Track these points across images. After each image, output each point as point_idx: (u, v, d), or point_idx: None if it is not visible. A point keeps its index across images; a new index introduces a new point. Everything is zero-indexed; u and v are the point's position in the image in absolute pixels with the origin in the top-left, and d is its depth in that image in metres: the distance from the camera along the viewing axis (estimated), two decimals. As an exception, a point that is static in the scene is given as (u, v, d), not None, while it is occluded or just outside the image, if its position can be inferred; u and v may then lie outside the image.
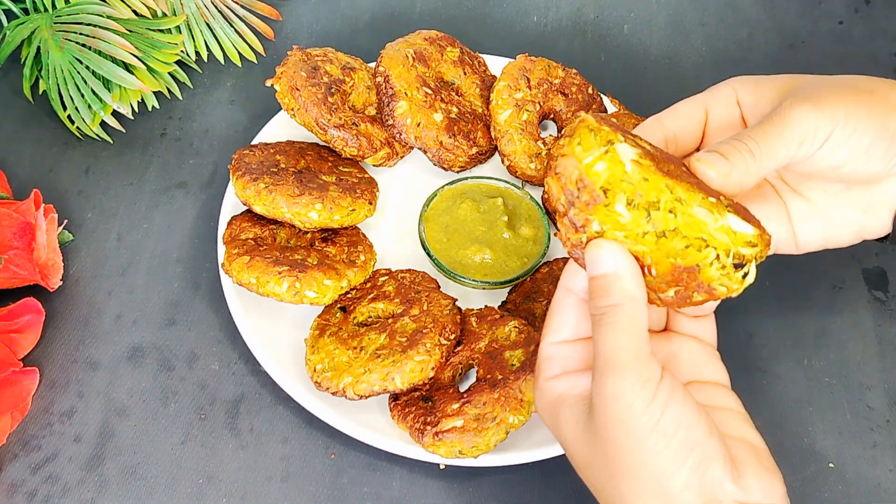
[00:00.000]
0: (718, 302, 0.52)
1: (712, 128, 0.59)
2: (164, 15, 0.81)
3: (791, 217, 0.60)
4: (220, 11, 0.86)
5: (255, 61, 0.87)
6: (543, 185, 0.76)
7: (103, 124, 0.79)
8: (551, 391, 0.52)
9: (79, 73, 0.76)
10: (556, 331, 0.53)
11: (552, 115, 0.81)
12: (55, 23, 0.77)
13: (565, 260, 0.73)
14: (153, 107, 0.83)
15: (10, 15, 0.83)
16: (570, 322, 0.53)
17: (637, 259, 0.49)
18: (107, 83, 0.78)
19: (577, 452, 0.51)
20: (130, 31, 0.78)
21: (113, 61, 0.77)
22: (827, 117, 0.54)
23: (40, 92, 0.81)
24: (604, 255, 0.48)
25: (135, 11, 0.79)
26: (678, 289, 0.49)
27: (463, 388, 0.65)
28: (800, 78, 0.58)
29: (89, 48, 0.76)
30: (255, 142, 0.78)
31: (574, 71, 0.83)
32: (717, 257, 0.48)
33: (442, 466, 0.65)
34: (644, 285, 0.49)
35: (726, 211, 0.48)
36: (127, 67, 0.78)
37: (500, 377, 0.63)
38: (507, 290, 0.74)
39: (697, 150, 0.60)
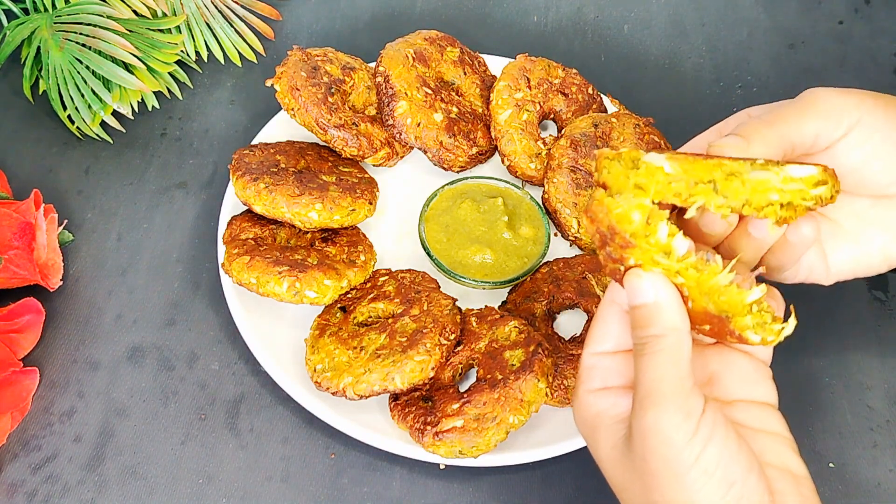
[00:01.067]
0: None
1: None
2: (164, 15, 0.81)
3: (822, 241, 0.59)
4: (220, 11, 0.86)
5: (255, 61, 0.87)
6: (543, 185, 0.76)
7: (103, 124, 0.79)
8: (591, 405, 0.51)
9: (79, 73, 0.76)
10: (598, 341, 0.52)
11: (552, 115, 0.81)
12: (55, 23, 0.77)
13: (565, 260, 0.73)
14: (153, 107, 0.83)
15: (10, 15, 0.83)
16: (614, 334, 0.52)
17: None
18: (107, 83, 0.78)
19: (613, 473, 0.50)
20: (130, 31, 0.78)
21: (113, 61, 0.77)
22: (853, 103, 0.53)
23: (40, 92, 0.81)
24: (644, 286, 0.47)
25: (135, 11, 0.79)
26: (712, 327, 0.48)
27: (463, 388, 0.65)
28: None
29: (89, 48, 0.76)
30: (255, 142, 0.78)
31: (574, 71, 0.83)
32: (751, 308, 0.47)
33: (442, 466, 0.65)
34: (687, 314, 0.48)
35: (781, 165, 0.47)
36: (127, 67, 0.78)
37: (500, 377, 0.63)
38: (507, 290, 0.74)
39: None
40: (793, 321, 0.49)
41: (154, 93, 0.82)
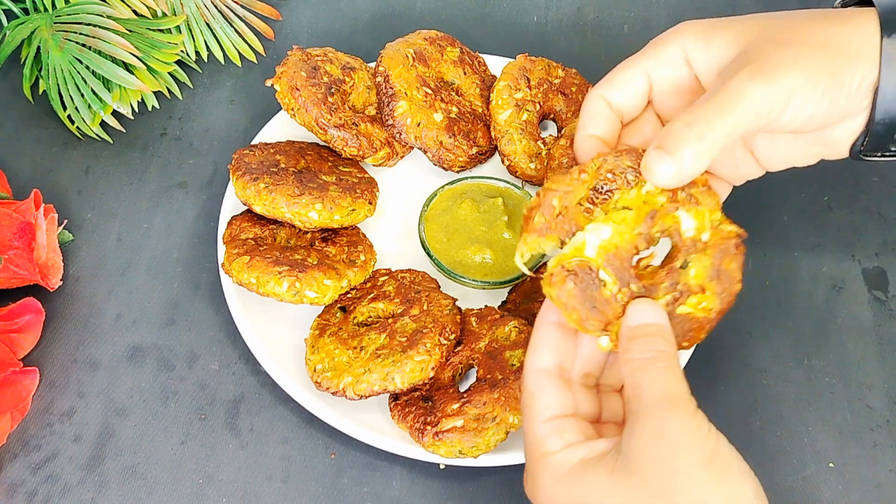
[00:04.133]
0: None
1: (659, 94, 0.59)
2: (164, 15, 0.81)
3: (755, 152, 0.61)
4: (220, 11, 0.86)
5: (255, 61, 0.87)
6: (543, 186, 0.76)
7: (103, 124, 0.79)
8: (566, 462, 0.52)
9: (79, 73, 0.76)
10: (544, 410, 0.54)
11: (552, 115, 0.81)
12: (55, 23, 0.77)
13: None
14: (153, 107, 0.83)
15: (10, 15, 0.83)
16: (555, 400, 0.54)
17: None
18: (107, 83, 0.78)
19: (614, 499, 0.50)
20: (130, 31, 0.78)
21: (113, 61, 0.77)
22: (784, 91, 0.53)
23: (40, 92, 0.81)
24: (652, 308, 0.53)
25: (135, 11, 0.79)
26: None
27: (463, 388, 0.65)
28: (754, 26, 0.56)
29: (89, 48, 0.76)
30: (255, 142, 0.78)
31: (574, 71, 0.83)
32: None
33: (442, 466, 0.65)
34: None
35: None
36: (127, 67, 0.78)
37: (500, 377, 0.63)
38: (507, 290, 0.73)
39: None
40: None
41: (154, 93, 0.82)
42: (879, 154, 0.58)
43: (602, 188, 0.56)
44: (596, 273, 0.53)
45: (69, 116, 0.79)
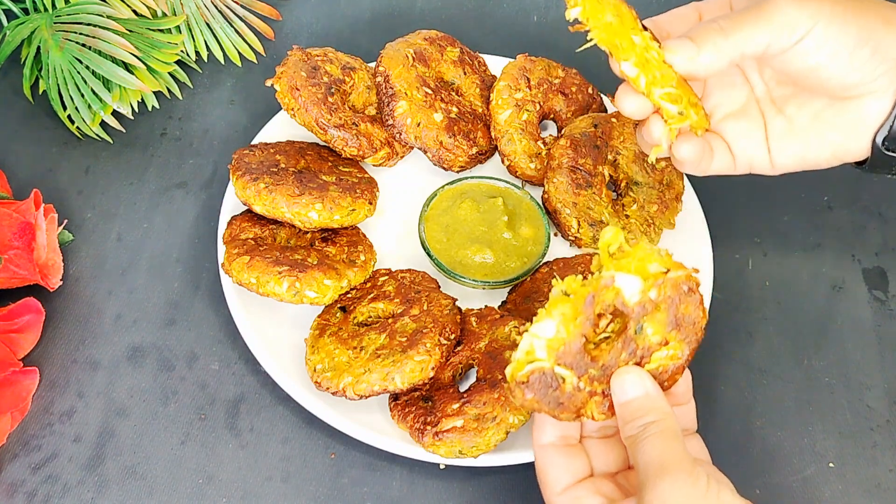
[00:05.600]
0: (690, 385, 0.57)
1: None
2: (164, 15, 0.81)
3: (769, 136, 0.61)
4: (220, 11, 0.86)
5: (255, 61, 0.87)
6: (543, 185, 0.76)
7: (103, 124, 0.79)
8: None
9: (79, 73, 0.76)
10: (556, 483, 0.56)
11: (552, 115, 0.81)
12: (55, 23, 0.77)
13: (565, 260, 0.73)
14: (153, 107, 0.83)
15: (10, 15, 0.83)
16: (565, 470, 0.56)
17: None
18: (107, 83, 0.78)
19: None
20: (130, 31, 0.78)
21: (113, 61, 0.77)
22: (809, 13, 0.55)
23: (40, 92, 0.81)
24: (633, 381, 0.54)
25: (135, 11, 0.79)
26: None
27: (463, 388, 0.65)
28: None
29: (89, 48, 0.76)
30: (255, 142, 0.78)
31: (574, 71, 0.83)
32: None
33: (442, 466, 0.65)
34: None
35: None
36: (127, 67, 0.78)
37: (500, 377, 0.63)
38: (507, 290, 0.73)
39: None
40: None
41: (154, 93, 0.82)
42: None
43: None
44: (551, 372, 0.53)
45: (69, 116, 0.79)
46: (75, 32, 0.76)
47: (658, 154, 0.61)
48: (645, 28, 0.58)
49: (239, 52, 0.87)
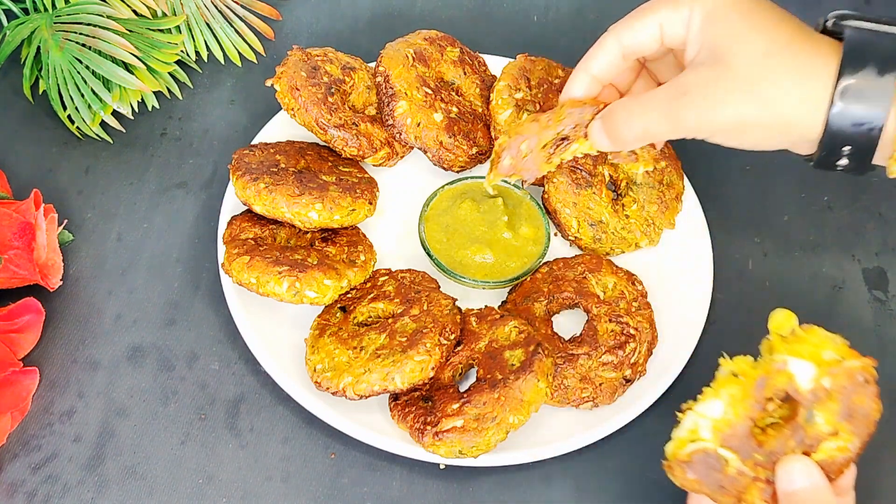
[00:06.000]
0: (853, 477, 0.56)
1: (670, 42, 0.62)
2: (164, 15, 0.81)
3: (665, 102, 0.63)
4: (220, 11, 0.86)
5: (255, 61, 0.87)
6: (543, 185, 0.76)
7: (103, 124, 0.79)
8: None
9: (79, 73, 0.76)
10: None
11: (552, 115, 0.81)
12: (55, 23, 0.77)
13: (565, 260, 0.73)
14: (153, 107, 0.83)
15: (10, 15, 0.83)
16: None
17: None
18: (107, 83, 0.78)
19: None
20: (130, 31, 0.78)
21: (113, 61, 0.77)
22: (726, 124, 0.58)
23: (40, 92, 0.81)
24: (800, 470, 0.52)
25: (135, 11, 0.79)
26: None
27: (463, 388, 0.65)
28: (747, 26, 0.58)
29: (89, 48, 0.76)
30: (255, 142, 0.78)
31: (574, 71, 0.83)
32: None
33: (442, 466, 0.65)
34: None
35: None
36: (127, 67, 0.78)
37: (500, 377, 0.63)
38: (507, 290, 0.74)
39: None
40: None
41: (154, 93, 0.82)
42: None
43: (564, 137, 0.62)
44: (715, 453, 0.52)
45: (69, 116, 0.79)
46: (75, 32, 0.76)
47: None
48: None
49: (239, 52, 0.87)
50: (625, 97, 0.63)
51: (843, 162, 0.58)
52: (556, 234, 0.77)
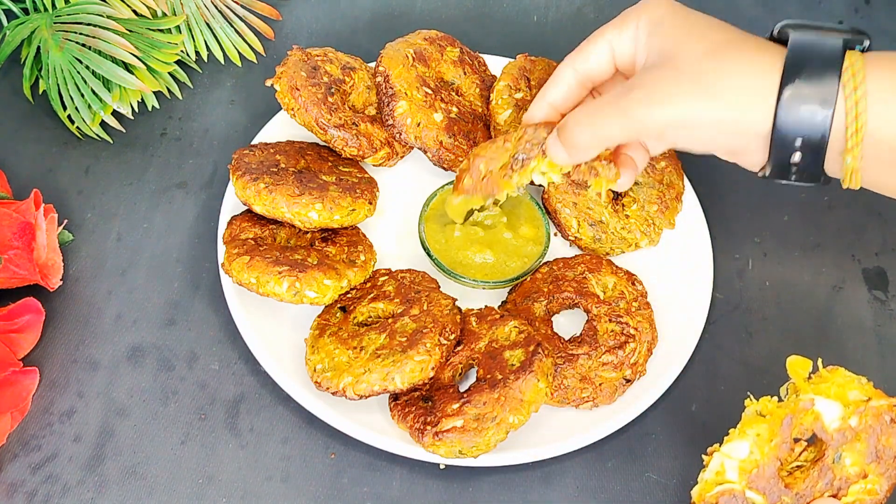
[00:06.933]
0: None
1: (621, 62, 0.65)
2: (164, 15, 0.81)
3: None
4: (220, 11, 0.86)
5: (255, 61, 0.87)
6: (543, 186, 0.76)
7: (103, 124, 0.79)
8: None
9: (79, 73, 0.76)
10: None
11: (552, 115, 0.81)
12: (55, 23, 0.77)
13: (565, 260, 0.73)
14: (153, 107, 0.83)
15: (10, 15, 0.83)
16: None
17: None
18: (107, 83, 0.78)
19: None
20: (130, 31, 0.78)
21: (113, 61, 0.77)
22: (672, 121, 0.59)
23: (40, 92, 0.81)
24: None
25: (135, 11, 0.79)
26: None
27: (463, 388, 0.65)
28: (693, 37, 0.60)
29: (89, 48, 0.76)
30: (255, 142, 0.78)
31: (574, 71, 0.83)
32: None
33: (442, 466, 0.65)
34: None
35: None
36: (127, 67, 0.78)
37: (500, 377, 0.63)
38: (507, 290, 0.74)
39: None
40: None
41: (154, 93, 0.82)
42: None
43: (521, 157, 0.63)
44: (742, 495, 0.52)
45: (69, 116, 0.79)
46: (75, 32, 0.76)
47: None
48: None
49: (239, 52, 0.87)
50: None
51: (797, 158, 0.58)
52: (556, 234, 0.77)
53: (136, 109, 0.80)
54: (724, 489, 0.52)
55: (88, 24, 0.76)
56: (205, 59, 0.86)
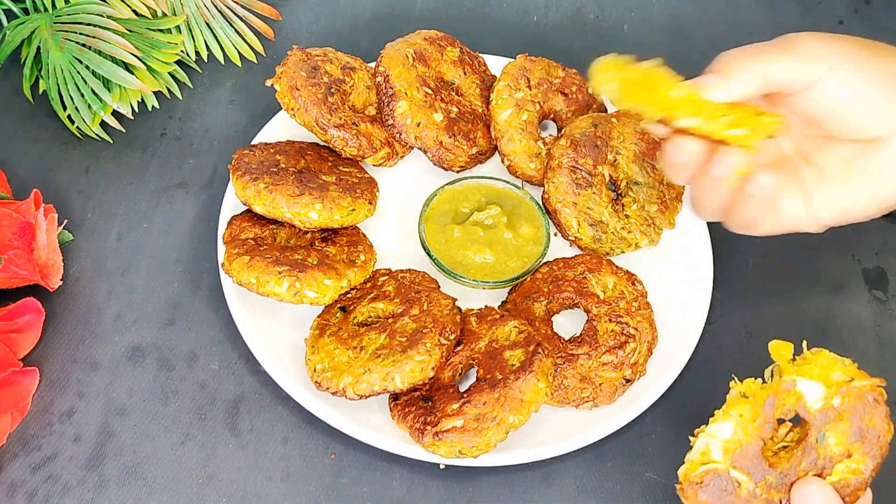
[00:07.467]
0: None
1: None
2: (164, 15, 0.81)
3: (805, 188, 0.61)
4: (220, 11, 0.86)
5: (255, 61, 0.87)
6: (543, 185, 0.76)
7: (103, 124, 0.79)
8: None
9: (79, 73, 0.76)
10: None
11: (552, 115, 0.81)
12: (55, 23, 0.77)
13: (565, 260, 0.73)
14: (153, 107, 0.83)
15: (10, 15, 0.83)
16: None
17: None
18: (107, 83, 0.78)
19: None
20: (130, 31, 0.78)
21: (113, 61, 0.77)
22: (831, 49, 0.56)
23: (40, 92, 0.81)
24: (816, 493, 0.52)
25: (135, 11, 0.79)
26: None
27: (463, 388, 0.65)
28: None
29: (89, 48, 0.76)
30: (255, 142, 0.78)
31: (574, 71, 0.83)
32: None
33: (442, 466, 0.65)
34: None
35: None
36: (127, 67, 0.78)
37: (500, 377, 0.63)
38: (507, 290, 0.74)
39: None
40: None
41: (154, 93, 0.82)
42: None
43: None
44: (727, 475, 0.52)
45: (69, 116, 0.79)
46: (75, 32, 0.76)
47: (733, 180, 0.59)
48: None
49: (239, 52, 0.87)
50: None
51: None
52: (556, 234, 0.77)
53: (136, 109, 0.80)
54: (709, 468, 0.53)
55: (88, 24, 0.76)
56: (205, 59, 0.86)
